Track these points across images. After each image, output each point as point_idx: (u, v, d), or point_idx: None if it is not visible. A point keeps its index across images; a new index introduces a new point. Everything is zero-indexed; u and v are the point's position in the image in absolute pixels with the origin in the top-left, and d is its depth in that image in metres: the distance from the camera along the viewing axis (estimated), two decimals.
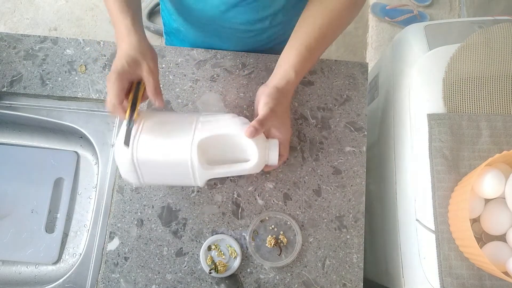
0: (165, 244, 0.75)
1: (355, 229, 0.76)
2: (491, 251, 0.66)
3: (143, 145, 0.62)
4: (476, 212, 0.68)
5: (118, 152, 0.62)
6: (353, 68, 0.85)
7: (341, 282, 0.74)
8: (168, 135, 0.63)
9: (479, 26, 0.82)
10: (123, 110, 0.61)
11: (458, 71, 0.77)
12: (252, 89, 0.83)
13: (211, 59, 0.85)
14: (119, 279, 0.73)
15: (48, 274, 0.84)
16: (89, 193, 0.89)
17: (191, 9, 0.79)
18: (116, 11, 0.63)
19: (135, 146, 0.62)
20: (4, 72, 0.84)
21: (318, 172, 0.79)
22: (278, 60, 0.69)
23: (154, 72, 0.62)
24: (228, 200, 0.77)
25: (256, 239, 0.76)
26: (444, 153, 0.72)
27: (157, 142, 0.62)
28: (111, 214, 0.77)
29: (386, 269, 0.89)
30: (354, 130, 0.81)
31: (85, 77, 0.84)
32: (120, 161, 0.63)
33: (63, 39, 0.86)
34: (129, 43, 0.61)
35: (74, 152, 0.90)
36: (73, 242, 0.86)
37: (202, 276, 0.74)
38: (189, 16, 0.84)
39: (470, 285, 0.66)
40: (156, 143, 0.62)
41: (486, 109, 0.75)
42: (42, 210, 0.86)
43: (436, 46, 0.81)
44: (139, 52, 0.61)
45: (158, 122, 0.65)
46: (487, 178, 0.65)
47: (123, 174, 0.65)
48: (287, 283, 0.74)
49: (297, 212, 0.77)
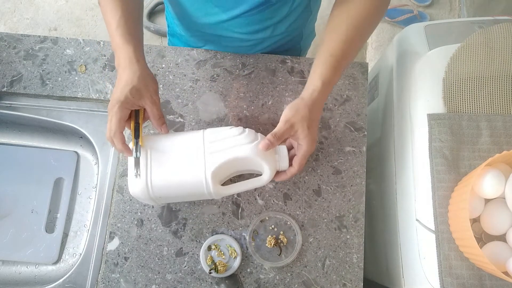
0: (165, 244, 0.75)
1: (355, 229, 0.76)
2: (491, 251, 0.66)
3: (156, 177, 0.63)
4: (476, 212, 0.68)
5: (132, 184, 0.63)
6: (353, 68, 0.85)
7: (341, 282, 0.74)
8: (179, 163, 0.64)
9: (479, 26, 0.82)
10: (127, 148, 0.62)
11: (458, 71, 0.77)
12: (252, 89, 0.83)
13: (211, 59, 0.85)
14: (119, 279, 0.73)
15: (48, 274, 0.84)
16: (89, 193, 0.89)
17: (192, 16, 0.79)
18: (119, 39, 0.62)
19: (148, 179, 0.62)
20: (4, 72, 0.84)
21: (318, 172, 0.79)
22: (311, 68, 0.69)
23: (157, 102, 0.63)
24: (228, 200, 0.77)
25: (256, 239, 0.76)
26: (444, 153, 0.72)
27: (169, 171, 0.63)
28: (111, 214, 0.77)
29: (386, 269, 0.89)
30: (354, 130, 0.81)
31: (85, 77, 0.84)
32: (137, 194, 0.64)
33: (63, 39, 0.86)
34: (132, 73, 0.61)
35: (74, 152, 0.90)
36: (73, 242, 0.86)
37: (202, 276, 0.74)
38: (190, 23, 0.84)
39: (470, 285, 0.66)
40: (169, 172, 0.63)
41: (486, 109, 0.75)
42: (42, 210, 0.86)
43: (436, 46, 0.81)
44: (143, 83, 0.61)
45: (164, 148, 0.65)
46: (487, 178, 0.65)
47: (137, 198, 0.66)
48: (287, 283, 0.74)
49: (297, 212, 0.77)
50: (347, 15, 0.64)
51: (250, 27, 0.80)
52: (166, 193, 0.64)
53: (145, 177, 0.62)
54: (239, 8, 0.74)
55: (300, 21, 0.86)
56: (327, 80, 0.62)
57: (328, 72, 0.62)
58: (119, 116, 0.60)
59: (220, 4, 0.74)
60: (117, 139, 0.60)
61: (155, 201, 0.66)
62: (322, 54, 0.63)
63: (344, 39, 0.62)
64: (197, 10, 0.78)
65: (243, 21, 0.77)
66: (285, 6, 0.77)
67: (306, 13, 0.85)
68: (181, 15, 0.83)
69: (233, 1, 0.73)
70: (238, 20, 0.77)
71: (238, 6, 0.73)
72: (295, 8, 0.79)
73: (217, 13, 0.76)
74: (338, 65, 0.63)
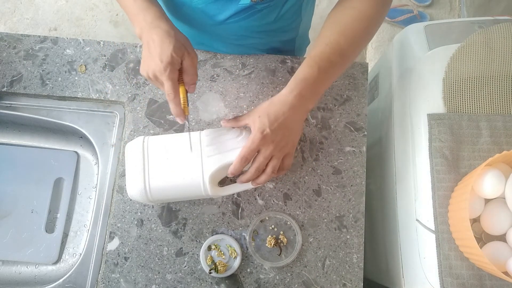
0: (165, 244, 0.75)
1: (355, 229, 0.76)
2: (491, 251, 0.66)
3: (154, 181, 0.63)
4: (476, 212, 0.68)
5: (130, 187, 0.64)
6: (353, 68, 0.85)
7: (341, 282, 0.74)
8: (177, 166, 0.64)
9: (479, 26, 0.82)
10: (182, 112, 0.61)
11: (458, 71, 0.77)
12: (252, 89, 0.83)
13: (211, 59, 0.85)
14: (119, 279, 0.73)
15: (48, 274, 0.84)
16: (89, 193, 0.89)
17: (187, 14, 0.79)
18: (142, 2, 0.62)
19: (147, 182, 0.63)
20: (4, 72, 0.84)
21: (318, 172, 0.79)
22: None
23: (195, 58, 0.62)
24: (228, 200, 0.77)
25: (256, 239, 0.76)
26: (444, 153, 0.72)
27: (168, 175, 0.64)
28: (111, 214, 0.77)
29: (386, 269, 0.89)
30: (354, 130, 0.81)
31: (85, 77, 0.84)
32: (135, 197, 0.65)
33: (63, 39, 0.86)
34: (166, 32, 0.59)
35: (74, 152, 0.90)
36: (73, 242, 0.86)
37: (202, 276, 0.74)
38: (184, 20, 0.83)
39: (470, 285, 0.66)
40: (167, 176, 0.64)
41: (486, 109, 0.75)
42: (42, 210, 0.86)
43: (436, 46, 0.81)
44: (181, 40, 0.60)
45: (162, 151, 0.65)
46: (487, 178, 0.65)
47: (136, 200, 0.67)
48: (287, 283, 0.74)
49: (297, 212, 0.77)
50: (335, 20, 0.63)
51: (237, 32, 0.79)
52: (164, 195, 0.65)
53: (143, 181, 0.63)
54: (223, 13, 0.73)
55: (291, 26, 0.86)
56: (298, 77, 0.61)
57: (301, 69, 0.61)
58: (173, 77, 0.59)
59: (207, 10, 0.73)
60: (176, 103, 0.60)
61: (153, 202, 0.66)
62: (310, 53, 0.63)
63: (327, 41, 0.61)
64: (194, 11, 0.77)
65: (229, 27, 0.77)
66: (272, 13, 0.76)
67: (296, 20, 0.85)
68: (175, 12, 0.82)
69: (217, 7, 0.72)
70: (224, 26, 0.76)
71: (222, 12, 0.73)
72: (283, 15, 0.78)
73: (202, 18, 0.76)
74: (314, 63, 0.61)
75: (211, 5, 0.72)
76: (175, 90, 0.60)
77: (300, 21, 0.86)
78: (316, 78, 0.61)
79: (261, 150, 0.61)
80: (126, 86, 0.83)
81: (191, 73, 0.61)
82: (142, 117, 0.81)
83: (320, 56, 0.61)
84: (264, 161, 0.61)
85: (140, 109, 0.82)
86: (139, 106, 0.82)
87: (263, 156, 0.61)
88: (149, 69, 0.60)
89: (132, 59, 0.85)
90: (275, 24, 0.80)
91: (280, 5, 0.75)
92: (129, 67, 0.85)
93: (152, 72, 0.60)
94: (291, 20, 0.83)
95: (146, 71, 0.61)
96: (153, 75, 0.60)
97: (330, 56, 0.61)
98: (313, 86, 0.61)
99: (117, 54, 0.85)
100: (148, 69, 0.60)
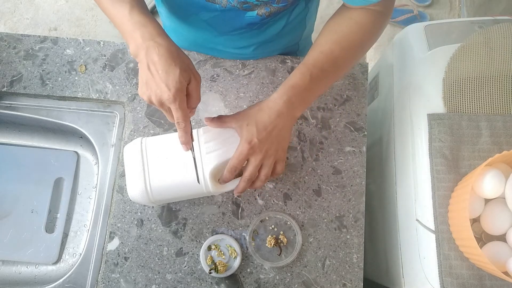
0: (165, 244, 0.75)
1: (355, 229, 0.76)
2: (491, 251, 0.66)
3: (155, 182, 0.63)
4: (476, 212, 0.68)
5: (131, 189, 0.64)
6: (353, 68, 0.85)
7: (341, 282, 0.74)
8: (176, 165, 0.64)
9: (479, 26, 0.82)
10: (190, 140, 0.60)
11: (458, 71, 0.77)
12: (252, 89, 0.83)
13: (211, 59, 0.85)
14: (119, 279, 0.73)
15: (48, 274, 0.84)
16: (89, 193, 0.89)
17: (191, 24, 0.79)
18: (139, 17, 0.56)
19: (147, 183, 0.63)
20: (4, 72, 0.84)
21: (318, 172, 0.79)
22: None
23: (199, 80, 0.59)
24: (228, 200, 0.77)
25: (256, 239, 0.76)
26: (444, 153, 0.72)
27: (168, 175, 0.64)
28: (111, 214, 0.77)
29: (386, 269, 0.89)
30: (354, 130, 0.81)
31: (85, 77, 0.84)
32: (136, 198, 0.64)
33: (63, 39, 0.86)
34: (169, 51, 0.54)
35: (74, 152, 0.90)
36: (73, 242, 0.86)
37: (202, 276, 0.74)
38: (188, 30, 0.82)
39: (470, 285, 0.66)
40: (167, 176, 0.63)
41: (486, 109, 0.75)
42: (42, 210, 0.86)
43: (436, 46, 0.81)
44: (184, 62, 0.56)
45: (161, 151, 0.65)
46: (487, 178, 0.65)
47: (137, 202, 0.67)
48: (287, 283, 0.74)
49: (297, 212, 0.77)
50: (332, 29, 0.63)
51: (239, 44, 0.80)
52: (165, 195, 0.65)
53: (143, 182, 0.63)
54: (228, 26, 0.72)
55: (294, 35, 0.86)
56: (289, 83, 0.60)
57: (293, 75, 0.60)
58: (184, 107, 0.55)
59: (212, 22, 0.73)
60: (187, 131, 0.57)
61: (155, 203, 0.66)
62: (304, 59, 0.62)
63: (321, 49, 0.61)
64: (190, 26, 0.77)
65: (233, 39, 0.77)
66: (277, 25, 0.76)
67: (300, 29, 0.85)
68: (172, 23, 0.82)
69: (223, 20, 0.71)
70: (227, 37, 0.76)
71: (228, 24, 0.72)
72: (287, 26, 0.78)
73: (207, 28, 0.76)
74: (307, 70, 0.60)
75: (218, 17, 0.71)
76: (186, 119, 0.56)
77: (304, 29, 0.86)
78: (307, 86, 0.60)
79: (251, 160, 0.60)
80: (126, 86, 0.83)
81: (195, 97, 0.58)
82: (142, 117, 0.81)
83: (313, 63, 0.60)
84: (254, 170, 0.60)
85: (140, 109, 0.82)
86: (139, 106, 0.82)
87: (253, 166, 0.60)
88: (152, 94, 0.55)
89: (132, 59, 0.85)
90: (279, 35, 0.80)
91: (285, 17, 0.75)
92: (129, 67, 0.85)
93: (157, 99, 0.54)
94: (295, 30, 0.83)
95: (147, 96, 0.55)
96: (159, 102, 0.55)
97: (324, 65, 0.60)
98: (303, 94, 0.60)
99: (117, 54, 0.85)
100: (151, 94, 0.55)
